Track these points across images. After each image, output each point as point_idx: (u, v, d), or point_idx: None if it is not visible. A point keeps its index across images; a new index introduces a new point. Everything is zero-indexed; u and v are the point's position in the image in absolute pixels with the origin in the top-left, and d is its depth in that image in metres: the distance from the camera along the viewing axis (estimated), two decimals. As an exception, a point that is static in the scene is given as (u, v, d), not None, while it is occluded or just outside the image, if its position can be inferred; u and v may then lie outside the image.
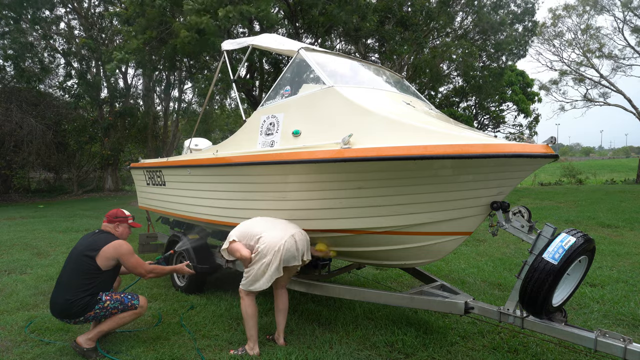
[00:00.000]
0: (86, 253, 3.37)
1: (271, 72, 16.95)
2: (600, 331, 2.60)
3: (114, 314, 3.39)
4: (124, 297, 3.46)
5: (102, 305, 3.35)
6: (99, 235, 3.53)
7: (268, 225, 3.43)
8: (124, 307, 3.43)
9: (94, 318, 3.38)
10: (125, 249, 3.44)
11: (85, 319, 3.36)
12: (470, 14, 19.36)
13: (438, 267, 6.00)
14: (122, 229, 3.65)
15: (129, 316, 3.45)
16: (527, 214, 2.84)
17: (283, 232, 3.32)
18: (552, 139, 2.51)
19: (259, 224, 3.46)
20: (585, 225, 9.35)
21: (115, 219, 3.64)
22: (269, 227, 3.40)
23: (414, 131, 2.92)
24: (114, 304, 3.39)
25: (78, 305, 3.27)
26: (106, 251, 3.37)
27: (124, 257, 3.43)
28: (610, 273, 5.57)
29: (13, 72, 18.07)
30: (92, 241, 3.46)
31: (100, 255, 3.35)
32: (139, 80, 22.77)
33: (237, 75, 13.75)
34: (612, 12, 23.22)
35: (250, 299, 3.38)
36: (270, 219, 3.59)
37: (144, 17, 12.32)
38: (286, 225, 3.45)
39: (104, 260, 3.37)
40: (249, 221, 3.56)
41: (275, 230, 3.35)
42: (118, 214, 3.67)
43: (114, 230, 3.61)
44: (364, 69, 4.55)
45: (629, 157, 66.11)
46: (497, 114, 25.75)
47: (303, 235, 3.42)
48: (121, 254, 3.42)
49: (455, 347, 3.50)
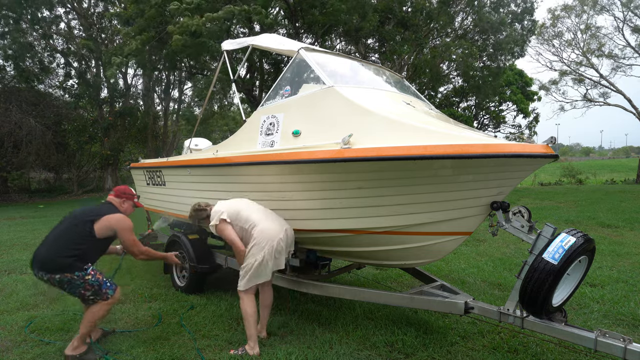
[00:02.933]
0: (87, 216, 3.33)
1: (271, 72, 16.95)
2: (600, 331, 2.60)
3: (83, 293, 3.21)
4: (104, 282, 3.29)
5: (83, 276, 3.18)
6: (104, 205, 3.55)
7: (260, 215, 3.46)
8: (97, 292, 3.24)
9: (66, 283, 3.17)
10: (127, 224, 3.43)
11: (59, 280, 3.15)
12: (470, 14, 19.37)
13: (438, 267, 6.00)
14: (127, 205, 3.66)
15: (100, 310, 3.27)
16: (527, 214, 2.84)
17: (279, 226, 3.39)
18: (552, 139, 2.51)
19: (251, 210, 3.49)
20: (585, 225, 9.35)
21: (123, 195, 3.65)
22: (261, 217, 3.43)
23: (414, 131, 2.92)
24: (92, 282, 3.22)
25: (59, 262, 3.16)
26: (109, 220, 3.35)
27: (123, 232, 3.40)
28: (610, 273, 5.57)
29: (13, 72, 18.07)
30: (96, 208, 3.50)
31: (101, 222, 3.31)
32: (139, 80, 22.80)
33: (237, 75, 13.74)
34: (611, 12, 23.24)
35: (249, 298, 3.39)
36: (255, 204, 3.61)
37: (142, 17, 12.32)
38: (277, 218, 3.52)
39: (103, 229, 3.31)
40: (238, 201, 3.61)
41: (269, 221, 3.41)
42: (126, 191, 3.68)
43: (120, 205, 3.61)
44: (364, 69, 4.55)
45: (629, 157, 66.11)
46: (497, 114, 25.76)
47: (291, 231, 3.52)
48: (122, 227, 3.39)
49: (455, 347, 3.50)
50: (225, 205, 3.55)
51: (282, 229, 3.40)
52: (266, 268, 3.32)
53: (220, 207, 3.53)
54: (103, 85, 20.56)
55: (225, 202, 3.65)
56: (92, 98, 20.32)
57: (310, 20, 14.97)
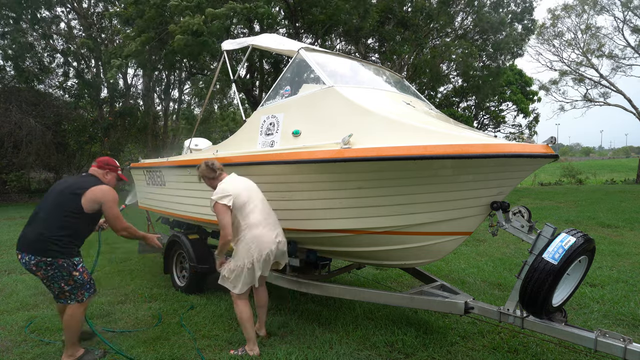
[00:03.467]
0: (72, 191, 3.19)
1: (271, 72, 16.94)
2: (600, 331, 2.60)
3: (62, 286, 3.10)
4: (86, 283, 3.20)
5: (71, 267, 3.10)
6: (87, 178, 3.38)
7: (260, 218, 3.34)
8: (75, 290, 3.14)
9: (52, 270, 3.05)
10: (112, 196, 3.28)
11: (47, 264, 3.04)
12: (470, 14, 19.37)
13: (438, 267, 6.00)
14: (111, 177, 3.50)
15: (77, 314, 3.17)
16: (527, 214, 2.84)
17: (273, 237, 3.33)
18: (552, 139, 2.51)
19: (255, 207, 3.36)
20: (585, 225, 9.35)
21: (106, 166, 3.49)
22: (261, 220, 3.33)
23: (414, 131, 2.92)
24: (76, 278, 3.13)
25: (51, 243, 3.05)
26: (94, 192, 3.20)
27: (107, 204, 3.24)
28: (610, 273, 5.57)
29: (13, 72, 18.07)
30: (80, 181, 3.31)
31: (87, 195, 3.16)
32: (139, 80, 22.79)
33: (237, 75, 13.75)
34: (611, 12, 23.24)
35: (243, 303, 3.36)
36: (261, 202, 3.45)
37: (142, 18, 12.32)
38: (274, 225, 3.44)
39: (89, 202, 3.17)
40: (248, 189, 3.43)
41: (266, 228, 3.33)
42: (110, 162, 3.53)
43: (103, 176, 3.45)
44: (364, 69, 4.55)
45: (629, 157, 66.12)
46: (497, 114, 25.76)
47: (284, 243, 3.46)
48: (107, 199, 3.24)
49: (455, 347, 3.50)
50: (234, 189, 3.36)
51: (275, 241, 3.33)
52: (252, 274, 3.29)
53: (228, 189, 3.35)
54: (103, 85, 20.55)
55: (237, 184, 3.44)
56: (92, 98, 20.31)
57: (310, 20, 14.97)
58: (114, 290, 5.10)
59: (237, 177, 3.54)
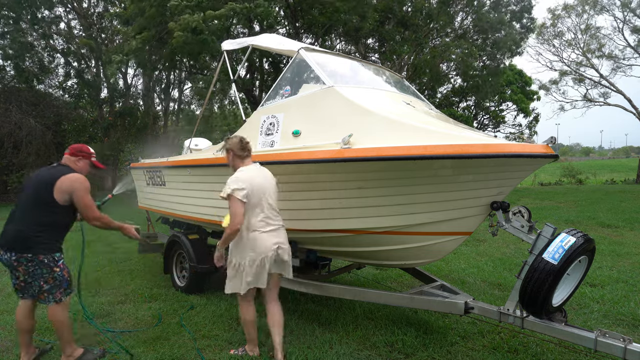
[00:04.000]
0: (44, 183, 3.09)
1: (271, 72, 16.94)
2: (600, 331, 2.60)
3: (42, 284, 3.05)
4: (65, 281, 3.14)
5: (52, 263, 3.05)
6: (57, 168, 3.24)
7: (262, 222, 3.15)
8: (54, 289, 3.08)
9: (33, 267, 3.01)
10: (81, 184, 3.13)
11: (28, 260, 2.99)
12: (470, 13, 19.37)
13: (438, 267, 6.00)
14: (83, 164, 3.35)
15: (62, 315, 3.13)
16: (527, 214, 2.84)
17: (272, 244, 3.13)
18: (552, 139, 2.51)
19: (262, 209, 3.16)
20: (585, 225, 9.35)
21: (78, 153, 3.33)
22: (263, 225, 3.14)
23: (414, 131, 2.92)
24: (56, 276, 3.07)
25: (31, 239, 3.00)
26: (62, 182, 3.07)
27: (78, 193, 3.10)
28: (610, 273, 5.57)
29: (13, 72, 18.06)
30: (52, 172, 3.18)
31: (57, 186, 3.06)
32: (139, 80, 22.79)
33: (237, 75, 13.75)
34: (611, 12, 23.24)
35: (246, 304, 3.27)
36: (270, 203, 3.22)
37: (142, 16, 12.33)
38: (277, 232, 3.22)
39: (59, 193, 3.06)
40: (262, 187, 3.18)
41: (269, 234, 3.14)
42: (82, 149, 3.37)
43: (74, 164, 3.30)
44: (364, 69, 4.55)
45: (629, 157, 66.12)
46: (497, 114, 25.76)
47: (283, 250, 3.21)
48: (76, 188, 3.10)
49: (455, 347, 3.50)
50: (251, 185, 3.12)
51: (272, 248, 3.12)
52: (241, 278, 3.12)
53: (243, 184, 3.09)
54: (103, 85, 20.55)
55: (255, 179, 3.18)
56: (92, 98, 20.30)
57: (310, 20, 14.97)
58: (114, 290, 5.09)
59: (259, 169, 3.29)
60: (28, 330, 3.22)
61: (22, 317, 3.18)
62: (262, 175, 3.26)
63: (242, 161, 3.30)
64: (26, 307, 3.19)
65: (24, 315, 3.18)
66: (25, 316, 3.18)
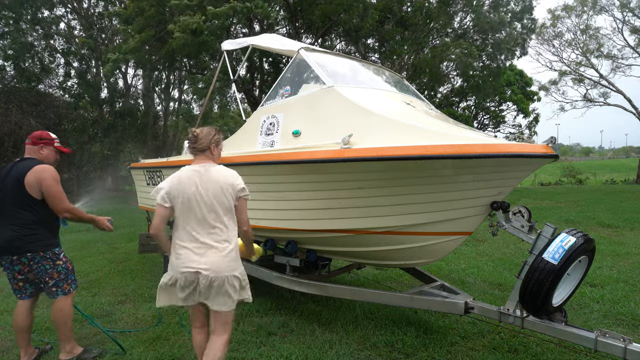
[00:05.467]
0: (16, 181, 2.99)
1: (271, 72, 16.95)
2: (600, 331, 2.60)
3: (47, 280, 3.04)
4: (70, 272, 3.15)
5: (54, 258, 3.04)
6: (23, 162, 3.10)
7: (188, 235, 2.51)
8: (61, 282, 3.08)
9: (36, 264, 3.00)
10: (47, 174, 3.00)
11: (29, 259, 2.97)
12: (469, 13, 19.37)
13: (438, 267, 6.00)
14: (47, 151, 3.21)
15: (66, 307, 3.12)
16: (527, 214, 2.84)
17: (194, 259, 2.45)
18: (552, 139, 2.51)
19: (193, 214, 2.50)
20: (585, 225, 9.34)
21: (39, 141, 3.18)
22: (189, 234, 2.51)
23: (414, 131, 2.92)
24: (60, 269, 3.08)
25: (24, 239, 2.96)
26: (29, 177, 2.97)
27: (44, 182, 2.97)
28: (610, 273, 5.57)
29: (13, 72, 18.07)
30: (19, 168, 3.05)
31: (26, 183, 2.96)
32: (139, 80, 22.80)
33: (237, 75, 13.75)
34: (611, 12, 23.24)
35: (193, 329, 2.71)
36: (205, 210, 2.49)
37: (142, 15, 12.34)
38: (207, 248, 2.47)
39: (32, 189, 2.97)
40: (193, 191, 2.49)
41: (192, 248, 2.48)
42: (43, 136, 3.22)
43: (38, 153, 3.16)
44: (363, 69, 4.55)
45: (629, 157, 66.12)
46: (497, 114, 25.78)
47: (215, 277, 2.42)
48: (42, 178, 2.97)
49: (455, 347, 3.50)
50: (176, 187, 2.50)
51: (192, 268, 2.42)
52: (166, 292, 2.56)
53: (166, 184, 2.53)
54: (103, 85, 20.56)
55: (184, 178, 2.52)
56: (92, 98, 20.31)
57: (310, 20, 14.95)
58: (114, 290, 5.10)
59: (204, 171, 2.55)
60: (26, 329, 3.22)
61: (20, 317, 3.18)
62: (206, 179, 2.52)
63: (193, 158, 2.66)
64: (24, 308, 3.19)
65: (23, 315, 3.18)
66: (24, 316, 3.18)
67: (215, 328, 2.53)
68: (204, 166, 2.57)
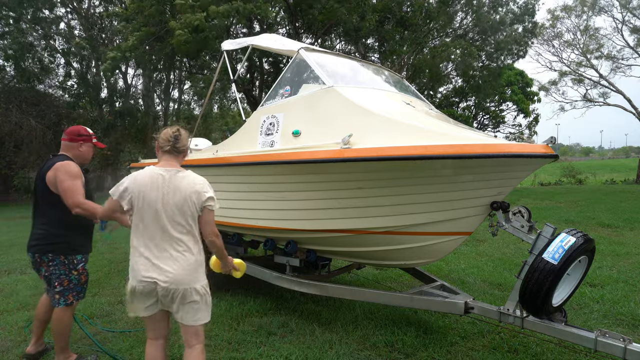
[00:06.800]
0: (41, 181, 2.97)
1: (271, 72, 16.95)
2: (600, 331, 2.60)
3: (56, 285, 2.97)
4: (79, 285, 3.06)
5: (70, 266, 2.99)
6: (51, 160, 3.01)
7: (146, 238, 2.33)
8: (65, 292, 2.99)
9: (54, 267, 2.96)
10: (65, 169, 2.87)
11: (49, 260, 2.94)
12: (469, 13, 19.37)
13: (438, 267, 6.00)
14: (87, 148, 3.12)
15: (65, 317, 3.02)
16: (527, 214, 2.84)
17: (150, 267, 2.29)
18: (552, 139, 2.51)
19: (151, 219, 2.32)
20: (585, 225, 9.35)
21: (78, 137, 3.08)
22: (145, 241, 2.33)
23: (414, 131, 2.92)
24: (72, 278, 3.00)
25: (50, 239, 2.94)
26: (49, 174, 2.91)
27: (58, 178, 2.85)
28: (610, 273, 5.57)
29: (13, 72, 18.07)
30: (45, 167, 2.99)
31: (47, 180, 2.92)
32: (139, 80, 22.79)
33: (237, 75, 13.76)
34: (610, 12, 23.24)
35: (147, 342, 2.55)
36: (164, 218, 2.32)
37: (142, 14, 12.35)
38: (167, 258, 2.31)
39: (52, 185, 2.92)
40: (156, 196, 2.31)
41: (148, 257, 2.31)
42: (81, 132, 3.11)
43: (77, 150, 3.07)
44: (363, 69, 4.55)
45: (628, 157, 66.14)
46: (497, 114, 25.78)
47: (176, 287, 2.28)
48: (57, 173, 2.85)
49: (455, 347, 3.50)
50: (137, 186, 2.34)
51: (149, 277, 2.27)
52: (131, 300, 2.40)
53: (126, 181, 2.38)
54: (103, 85, 20.55)
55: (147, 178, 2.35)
56: (92, 98, 20.30)
57: (310, 20, 14.96)
58: (114, 290, 5.09)
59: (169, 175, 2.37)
60: (43, 321, 3.26)
61: (42, 310, 3.24)
62: (170, 184, 2.35)
63: (160, 157, 2.50)
64: (48, 301, 3.22)
65: (43, 310, 3.24)
66: (43, 310, 3.23)
67: (187, 340, 2.41)
68: (170, 170, 2.39)
